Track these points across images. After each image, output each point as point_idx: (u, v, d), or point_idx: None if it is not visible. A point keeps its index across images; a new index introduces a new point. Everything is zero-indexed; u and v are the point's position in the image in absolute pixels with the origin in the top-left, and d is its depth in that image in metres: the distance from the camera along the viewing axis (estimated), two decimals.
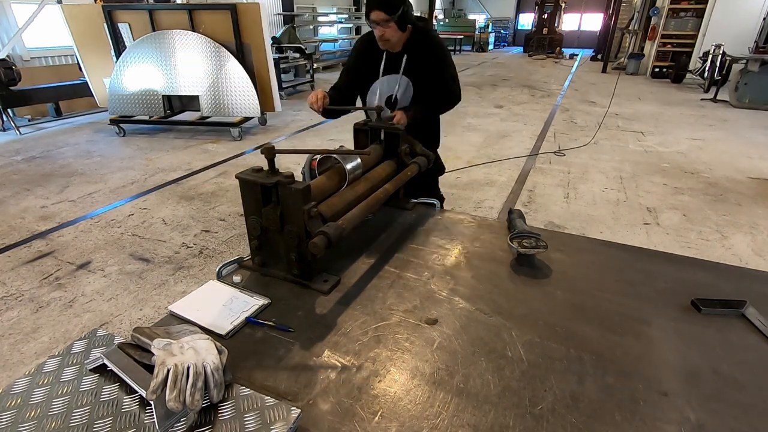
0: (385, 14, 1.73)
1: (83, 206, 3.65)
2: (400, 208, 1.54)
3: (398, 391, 0.79)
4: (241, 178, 1.05)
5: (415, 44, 1.90)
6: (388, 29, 1.78)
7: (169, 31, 5.41)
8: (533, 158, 4.95)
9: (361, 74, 2.01)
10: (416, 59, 1.90)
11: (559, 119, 6.80)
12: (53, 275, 2.67)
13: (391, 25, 1.76)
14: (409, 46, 1.90)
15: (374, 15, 1.75)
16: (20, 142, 5.55)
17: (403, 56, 1.90)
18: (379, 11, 1.73)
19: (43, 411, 0.71)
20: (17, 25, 6.33)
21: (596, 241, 1.34)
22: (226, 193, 3.92)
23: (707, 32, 10.38)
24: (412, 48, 1.90)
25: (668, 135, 5.93)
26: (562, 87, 9.99)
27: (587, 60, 16.34)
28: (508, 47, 22.99)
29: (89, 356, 0.83)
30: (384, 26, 1.77)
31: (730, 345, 0.90)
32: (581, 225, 3.36)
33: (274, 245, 1.10)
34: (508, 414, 0.74)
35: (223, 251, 2.94)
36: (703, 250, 2.99)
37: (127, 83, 5.64)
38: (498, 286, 1.10)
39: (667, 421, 0.73)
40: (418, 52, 1.90)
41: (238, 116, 5.64)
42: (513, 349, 0.89)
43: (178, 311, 0.98)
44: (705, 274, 1.16)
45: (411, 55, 1.90)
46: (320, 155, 1.38)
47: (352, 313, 1.00)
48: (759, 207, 3.69)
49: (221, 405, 0.72)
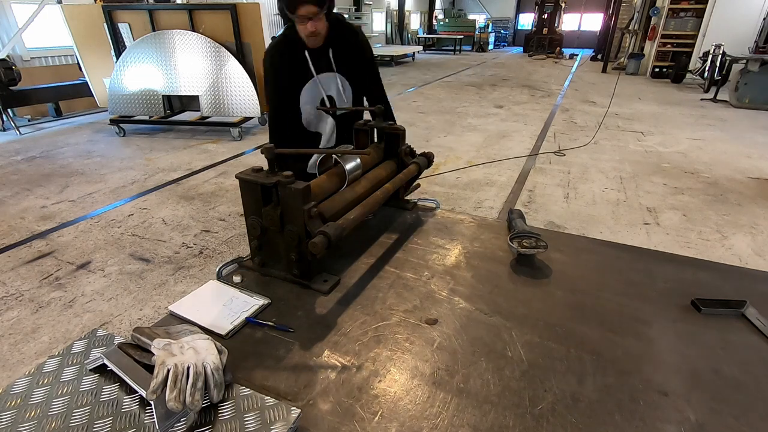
0: (316, 7, 1.56)
1: (83, 206, 3.65)
2: (400, 208, 1.54)
3: (398, 391, 0.79)
4: (241, 178, 1.05)
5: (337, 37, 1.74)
6: (319, 23, 1.62)
7: (169, 31, 5.41)
8: (533, 158, 4.95)
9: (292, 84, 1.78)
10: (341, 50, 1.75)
11: (559, 119, 6.80)
12: (53, 275, 2.67)
13: (322, 17, 1.61)
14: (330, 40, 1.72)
15: (304, 10, 1.57)
16: (20, 142, 5.55)
17: (328, 50, 1.74)
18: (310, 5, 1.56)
19: (43, 411, 0.71)
20: (17, 25, 6.33)
21: (596, 241, 1.34)
22: (226, 193, 3.92)
23: (707, 32, 10.38)
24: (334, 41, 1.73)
25: (668, 135, 5.93)
26: (562, 87, 9.99)
27: (587, 60, 16.34)
28: (508, 47, 23.00)
29: (89, 356, 0.83)
30: (315, 20, 1.61)
31: (730, 345, 0.90)
32: (581, 225, 3.36)
33: (274, 245, 1.10)
34: (508, 414, 0.74)
35: (223, 251, 2.94)
36: (703, 250, 2.99)
37: (127, 83, 5.65)
38: (498, 286, 1.10)
39: (667, 421, 0.73)
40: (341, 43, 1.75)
41: (238, 116, 5.64)
42: (513, 349, 0.89)
43: (178, 311, 0.98)
44: (705, 274, 1.16)
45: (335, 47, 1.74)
46: (321, 155, 1.38)
47: (352, 313, 1.00)
48: (759, 207, 3.69)
49: (221, 405, 0.72)
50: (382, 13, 17.49)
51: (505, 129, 6.21)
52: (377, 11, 16.89)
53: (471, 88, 9.66)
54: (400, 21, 18.10)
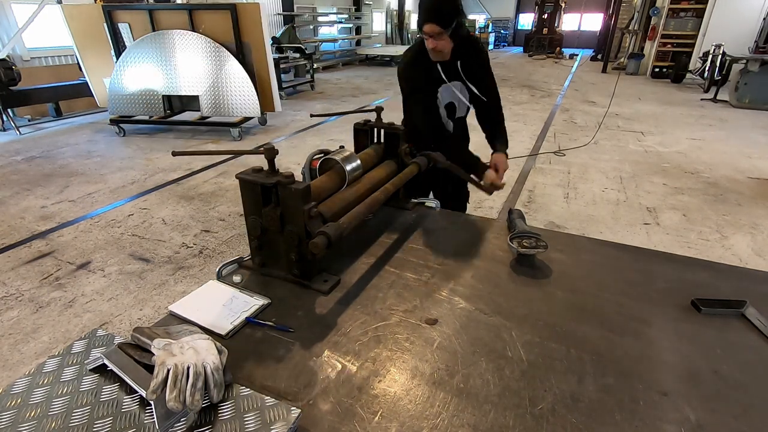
0: (439, 27, 1.67)
1: (83, 206, 3.65)
2: (400, 208, 1.54)
3: (398, 391, 0.79)
4: (241, 178, 1.05)
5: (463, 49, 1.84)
6: (441, 41, 1.71)
7: (169, 31, 5.41)
8: (533, 158, 4.95)
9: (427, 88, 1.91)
10: (467, 64, 1.87)
11: (559, 119, 6.80)
12: (53, 275, 2.67)
13: (444, 37, 1.70)
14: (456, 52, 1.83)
15: (428, 28, 1.68)
16: (20, 142, 5.55)
17: (456, 62, 1.86)
18: (433, 24, 1.66)
19: (43, 411, 0.71)
20: (17, 25, 6.33)
21: (596, 241, 1.34)
22: (226, 193, 3.93)
23: (707, 32, 10.38)
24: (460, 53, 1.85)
25: (668, 135, 5.93)
26: (562, 87, 9.99)
27: (587, 60, 16.33)
28: (508, 47, 23.00)
29: (89, 356, 0.83)
30: (437, 38, 1.70)
31: (730, 345, 0.90)
32: (581, 225, 3.36)
33: (274, 245, 1.10)
34: (508, 414, 0.74)
35: (223, 251, 2.94)
36: (703, 250, 2.99)
37: (127, 83, 5.65)
38: (498, 286, 1.10)
39: (667, 421, 0.73)
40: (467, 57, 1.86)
41: (238, 116, 5.64)
42: (513, 349, 0.89)
43: (178, 311, 0.98)
44: (705, 274, 1.16)
45: (463, 60, 1.86)
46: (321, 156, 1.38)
47: (352, 313, 1.00)
48: (759, 207, 3.69)
49: (221, 405, 0.72)
50: (382, 13, 17.48)
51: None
52: (377, 11, 16.88)
53: None
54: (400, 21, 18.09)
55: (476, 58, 1.90)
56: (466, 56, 1.87)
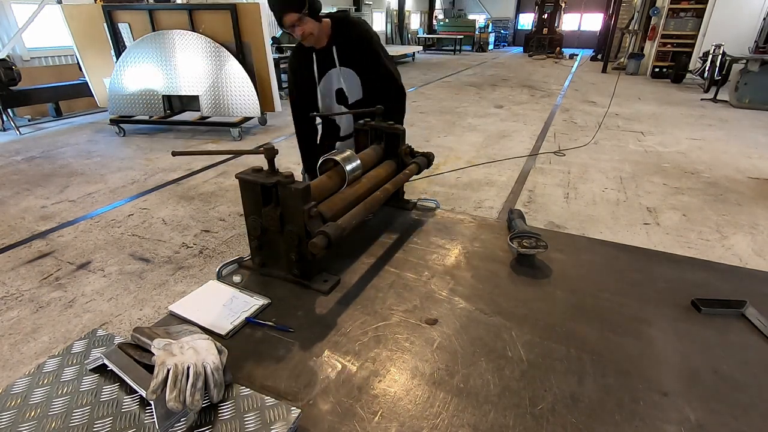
0: (294, 13, 1.73)
1: (83, 206, 3.65)
2: (400, 208, 1.54)
3: (398, 391, 0.79)
4: (241, 178, 1.05)
5: (339, 34, 1.91)
6: (305, 25, 1.78)
7: (169, 31, 5.41)
8: (533, 158, 4.95)
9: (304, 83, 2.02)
10: (345, 47, 1.91)
11: (559, 119, 6.80)
12: (53, 275, 2.67)
13: (305, 20, 1.76)
14: (334, 38, 1.91)
15: (286, 19, 1.74)
16: (20, 142, 5.55)
17: (332, 48, 1.91)
18: (289, 13, 1.73)
19: (43, 411, 0.71)
20: (17, 25, 6.33)
21: (596, 241, 1.34)
22: (226, 193, 3.93)
23: (707, 32, 10.38)
24: (337, 38, 1.91)
25: (668, 135, 5.93)
26: (562, 87, 9.99)
27: (587, 60, 16.33)
28: (508, 47, 23.00)
29: (89, 356, 0.83)
30: (300, 24, 1.76)
31: (730, 345, 0.90)
32: (581, 225, 3.36)
33: (274, 245, 1.10)
34: (508, 414, 0.74)
35: (223, 251, 2.94)
36: (703, 250, 2.99)
37: (127, 83, 5.65)
38: (498, 286, 1.10)
39: (667, 421, 0.73)
40: (344, 40, 1.91)
41: (238, 116, 5.64)
42: (513, 349, 0.89)
43: (178, 311, 0.98)
44: (705, 274, 1.16)
45: (339, 44, 1.91)
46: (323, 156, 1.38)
47: (352, 313, 1.00)
48: (759, 207, 3.69)
49: (221, 405, 0.72)
50: (382, 13, 17.48)
51: (505, 129, 6.21)
52: (377, 11, 16.88)
53: (471, 88, 9.66)
54: (400, 21, 18.10)
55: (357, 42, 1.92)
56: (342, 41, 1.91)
